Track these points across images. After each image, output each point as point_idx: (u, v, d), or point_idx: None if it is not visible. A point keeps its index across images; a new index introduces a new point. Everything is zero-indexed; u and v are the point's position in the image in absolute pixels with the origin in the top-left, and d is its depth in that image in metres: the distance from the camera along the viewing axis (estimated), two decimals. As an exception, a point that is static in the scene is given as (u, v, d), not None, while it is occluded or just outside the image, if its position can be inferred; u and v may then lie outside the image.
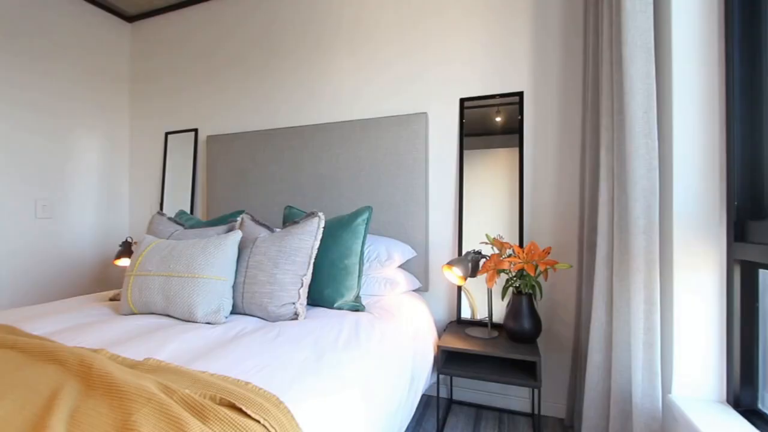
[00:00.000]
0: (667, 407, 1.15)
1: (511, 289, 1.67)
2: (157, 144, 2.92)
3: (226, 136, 2.54)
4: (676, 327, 1.16)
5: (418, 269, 2.01)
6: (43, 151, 2.47)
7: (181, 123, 2.83)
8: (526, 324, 1.61)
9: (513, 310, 1.65)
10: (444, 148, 2.06)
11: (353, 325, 1.36)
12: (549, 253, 1.60)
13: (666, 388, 1.19)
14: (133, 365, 0.93)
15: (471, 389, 2.00)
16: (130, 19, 3.00)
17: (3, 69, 2.27)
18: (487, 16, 1.98)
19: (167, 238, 1.74)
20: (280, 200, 2.34)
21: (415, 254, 1.95)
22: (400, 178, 2.05)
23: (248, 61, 2.57)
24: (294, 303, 1.42)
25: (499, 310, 1.86)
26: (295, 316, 1.41)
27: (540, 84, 1.89)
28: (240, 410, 0.75)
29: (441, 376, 1.97)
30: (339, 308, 1.55)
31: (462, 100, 2.00)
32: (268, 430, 0.73)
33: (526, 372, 1.59)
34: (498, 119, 1.96)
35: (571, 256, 1.82)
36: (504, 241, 1.73)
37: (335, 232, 1.63)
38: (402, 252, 1.84)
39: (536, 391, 1.83)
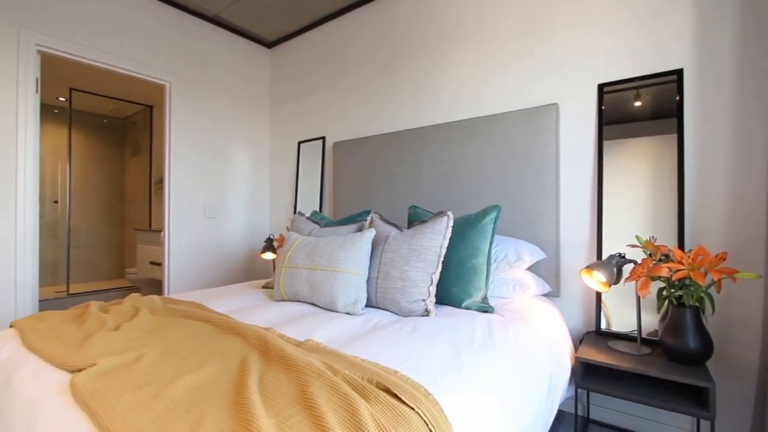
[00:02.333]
0: None
1: (669, 300, 1.43)
2: (291, 152, 3.31)
3: (350, 141, 2.73)
4: None
5: (548, 273, 1.87)
6: (209, 162, 3.02)
7: (311, 132, 3.15)
8: (692, 342, 1.36)
9: (672, 325, 1.41)
10: (577, 140, 1.87)
11: (486, 326, 1.33)
12: (724, 260, 1.33)
13: None
14: (297, 344, 1.06)
15: (611, 409, 1.78)
16: (269, 45, 3.47)
17: (218, 100, 2.84)
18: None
19: (308, 235, 1.95)
20: (402, 200, 2.42)
21: (544, 256, 1.81)
22: (528, 175, 1.93)
23: (369, 69, 2.73)
24: (424, 300, 1.45)
25: (647, 324, 1.61)
26: (426, 313, 1.44)
27: (707, 57, 1.58)
28: (395, 396, 0.80)
29: (578, 391, 1.80)
30: (467, 308, 1.54)
31: (601, 86, 1.80)
32: (421, 417, 0.76)
33: (688, 398, 1.35)
34: (638, 104, 1.71)
35: (756, 264, 1.48)
36: (658, 244, 1.50)
37: (462, 232, 1.62)
38: (531, 253, 1.73)
39: (704, 423, 1.54)
